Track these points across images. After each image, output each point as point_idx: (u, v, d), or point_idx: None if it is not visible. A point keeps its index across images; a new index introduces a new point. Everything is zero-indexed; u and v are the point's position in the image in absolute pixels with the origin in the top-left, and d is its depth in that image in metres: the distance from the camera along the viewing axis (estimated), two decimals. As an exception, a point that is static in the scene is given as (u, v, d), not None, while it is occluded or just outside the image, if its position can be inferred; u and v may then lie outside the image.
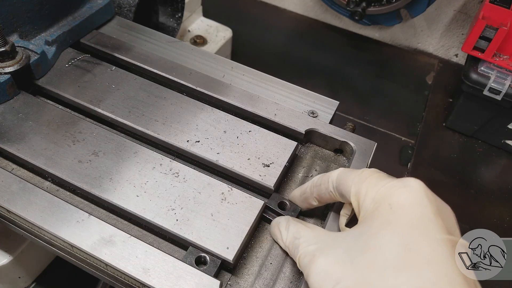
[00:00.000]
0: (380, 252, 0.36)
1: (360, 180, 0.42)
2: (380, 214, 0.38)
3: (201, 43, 1.22)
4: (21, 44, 0.63)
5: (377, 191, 0.40)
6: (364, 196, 0.41)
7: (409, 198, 0.38)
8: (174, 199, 0.52)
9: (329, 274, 0.38)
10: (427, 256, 0.35)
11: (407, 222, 0.37)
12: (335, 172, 0.46)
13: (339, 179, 0.45)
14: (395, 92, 1.57)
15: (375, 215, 0.39)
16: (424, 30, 1.65)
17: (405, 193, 0.39)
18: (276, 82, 0.69)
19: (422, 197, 0.38)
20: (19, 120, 0.59)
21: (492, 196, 1.27)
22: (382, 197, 0.39)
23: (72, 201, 0.54)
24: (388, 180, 0.41)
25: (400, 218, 0.37)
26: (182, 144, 0.58)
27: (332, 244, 0.40)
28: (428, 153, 1.37)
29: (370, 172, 0.43)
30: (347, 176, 0.44)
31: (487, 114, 1.31)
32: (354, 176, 0.44)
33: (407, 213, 0.37)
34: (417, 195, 0.38)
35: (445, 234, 0.36)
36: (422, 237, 0.36)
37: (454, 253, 0.35)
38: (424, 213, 0.37)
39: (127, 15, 0.80)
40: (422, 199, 0.38)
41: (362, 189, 0.42)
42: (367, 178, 0.42)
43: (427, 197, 0.38)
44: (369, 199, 0.41)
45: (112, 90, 0.64)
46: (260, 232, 0.53)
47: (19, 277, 0.80)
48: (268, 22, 1.79)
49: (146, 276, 0.45)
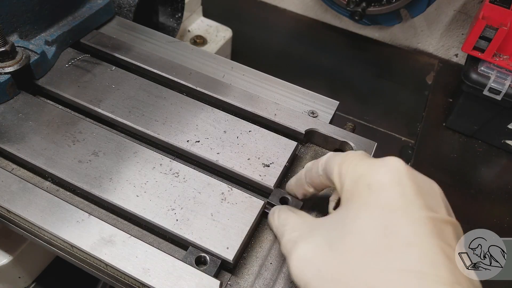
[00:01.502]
0: (359, 236, 0.35)
1: (343, 161, 0.41)
2: (358, 195, 0.37)
3: (201, 43, 1.22)
4: (21, 44, 0.63)
5: (356, 170, 0.39)
6: (345, 176, 0.40)
7: (388, 177, 0.37)
8: (174, 199, 0.52)
9: (309, 261, 0.37)
10: (407, 237, 0.33)
11: (385, 203, 0.35)
12: (324, 156, 0.46)
13: (326, 161, 0.44)
14: (395, 92, 1.57)
15: (354, 196, 0.38)
16: (424, 30, 1.65)
17: (383, 172, 0.37)
18: (276, 82, 0.69)
19: (401, 175, 0.37)
20: (19, 120, 0.59)
21: (492, 196, 1.27)
22: (360, 177, 0.38)
23: (72, 201, 0.54)
24: (369, 159, 0.40)
25: (378, 198, 0.36)
26: (182, 144, 0.58)
27: (313, 229, 0.40)
28: (428, 153, 1.37)
29: (354, 153, 0.42)
30: (333, 158, 0.43)
31: (487, 114, 1.31)
32: (339, 157, 0.43)
33: (385, 193, 0.36)
34: (397, 173, 0.37)
35: (426, 212, 0.34)
36: (401, 218, 0.34)
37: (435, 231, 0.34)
38: (404, 192, 0.36)
39: (127, 15, 0.80)
40: (401, 178, 0.36)
41: (343, 169, 0.41)
42: (349, 158, 0.41)
43: (407, 175, 0.37)
44: (349, 179, 0.39)
45: (112, 90, 0.64)
46: (260, 232, 0.53)
47: (19, 277, 0.80)
48: (268, 22, 1.79)
49: (146, 276, 0.45)
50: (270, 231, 0.53)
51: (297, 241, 0.39)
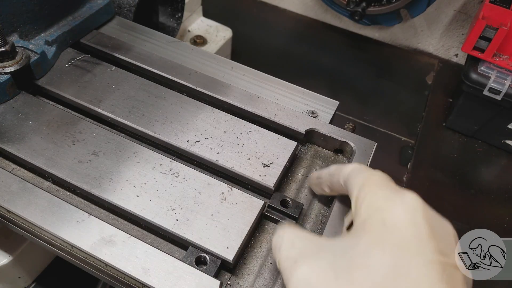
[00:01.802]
0: (368, 272, 0.34)
1: (364, 184, 0.41)
2: (372, 229, 0.37)
3: (201, 43, 1.22)
4: (21, 44, 0.63)
5: (374, 201, 0.39)
6: (361, 203, 0.40)
7: (404, 216, 0.36)
8: (174, 199, 0.52)
9: (311, 286, 0.36)
10: (416, 280, 0.33)
11: (398, 243, 0.35)
12: (349, 167, 0.45)
13: (349, 176, 0.44)
14: (395, 92, 1.57)
15: (366, 228, 0.37)
16: (424, 30, 1.65)
17: (400, 209, 0.37)
18: (276, 82, 0.69)
19: (417, 215, 0.36)
20: (19, 120, 0.59)
21: (492, 196, 1.27)
22: (377, 210, 0.38)
23: (72, 201, 0.54)
24: (388, 190, 0.39)
25: (391, 237, 0.35)
26: (182, 144, 0.58)
27: (317, 252, 0.38)
28: (428, 153, 1.37)
29: (377, 177, 0.41)
30: (355, 176, 0.43)
31: (487, 114, 1.31)
32: (361, 178, 0.42)
33: (399, 233, 0.35)
34: (413, 213, 0.36)
35: (437, 255, 0.34)
36: (412, 260, 0.34)
37: (445, 276, 0.33)
38: (417, 233, 0.35)
39: (127, 15, 0.80)
40: (417, 218, 0.36)
41: (361, 194, 0.40)
42: (371, 183, 0.41)
43: (423, 215, 0.36)
44: (364, 207, 0.39)
45: (112, 90, 0.64)
46: (260, 232, 0.53)
47: (19, 277, 0.80)
48: (268, 22, 1.79)
49: (146, 276, 0.45)
50: (270, 231, 0.53)
51: (298, 260, 0.38)
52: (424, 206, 0.37)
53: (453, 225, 0.40)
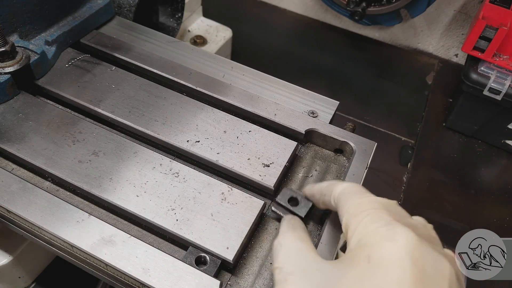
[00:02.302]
0: None
1: (354, 213, 0.39)
2: (357, 264, 0.35)
3: (201, 43, 1.22)
4: (21, 44, 0.63)
5: (364, 234, 0.37)
6: (352, 234, 0.38)
7: (391, 257, 0.33)
8: (174, 199, 0.52)
9: None
10: None
11: (377, 285, 0.33)
12: (339, 188, 0.44)
13: (339, 199, 0.43)
14: (395, 92, 1.57)
15: (354, 262, 0.35)
16: (424, 30, 1.65)
17: (388, 248, 0.34)
18: (276, 82, 0.69)
19: (405, 257, 0.33)
20: (19, 120, 0.59)
21: (492, 196, 1.27)
22: (366, 244, 0.36)
23: (72, 201, 0.54)
24: (380, 223, 0.37)
25: (374, 278, 0.33)
26: (182, 144, 0.58)
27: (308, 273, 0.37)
28: (428, 153, 1.37)
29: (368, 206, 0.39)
30: (346, 200, 0.41)
31: (487, 114, 1.31)
32: (352, 204, 0.40)
33: (383, 274, 0.33)
34: (401, 253, 0.33)
35: None
36: None
37: None
38: (402, 277, 0.32)
39: (127, 15, 0.80)
40: (404, 260, 0.33)
41: (352, 224, 0.38)
42: (362, 213, 0.38)
43: (412, 257, 0.33)
44: (355, 239, 0.37)
45: (112, 90, 0.64)
46: (260, 232, 0.53)
47: (19, 277, 0.80)
48: (268, 22, 1.79)
49: (146, 276, 0.45)
50: (270, 231, 0.53)
51: (287, 278, 0.37)
52: (418, 245, 0.34)
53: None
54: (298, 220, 0.47)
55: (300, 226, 0.45)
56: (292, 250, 0.40)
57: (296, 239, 0.42)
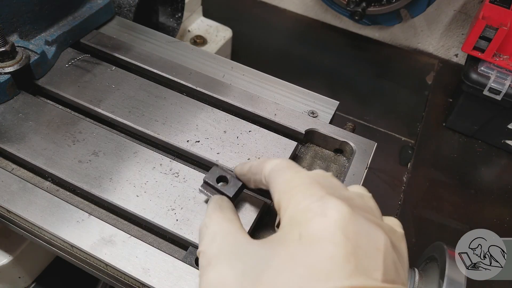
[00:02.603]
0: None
1: (285, 190, 0.37)
2: (289, 244, 0.33)
3: (201, 43, 1.22)
4: (21, 44, 0.63)
5: (295, 212, 0.35)
6: (284, 212, 0.36)
7: (322, 232, 0.32)
8: (174, 199, 0.52)
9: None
10: None
11: (310, 264, 0.31)
12: (269, 165, 0.41)
13: (269, 176, 0.40)
14: (395, 92, 1.57)
15: (286, 241, 0.33)
16: (424, 30, 1.65)
17: (319, 223, 0.32)
18: (276, 82, 0.69)
19: (336, 232, 0.31)
20: (19, 120, 0.59)
21: (492, 196, 1.27)
22: (297, 222, 0.34)
23: (72, 201, 0.54)
24: (311, 199, 0.35)
25: (304, 257, 0.31)
26: (182, 144, 0.58)
27: (233, 255, 0.35)
28: (428, 153, 1.37)
29: (299, 181, 0.37)
30: (276, 177, 0.39)
31: (487, 114, 1.32)
32: (282, 181, 0.38)
33: (314, 251, 0.31)
34: (333, 228, 0.32)
35: (352, 280, 0.30)
36: (319, 285, 0.30)
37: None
38: (333, 253, 0.31)
39: (127, 15, 0.80)
40: (336, 235, 0.31)
41: (283, 201, 0.36)
42: (292, 190, 0.37)
43: (344, 231, 0.31)
44: (287, 217, 0.35)
45: (112, 90, 0.64)
46: (260, 232, 0.53)
47: (19, 277, 0.80)
48: (268, 22, 1.79)
49: (146, 276, 0.45)
50: (270, 231, 0.53)
51: (211, 261, 0.35)
52: (350, 218, 0.32)
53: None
54: (226, 200, 0.44)
55: (228, 206, 0.42)
56: (218, 232, 0.38)
57: (222, 220, 0.39)
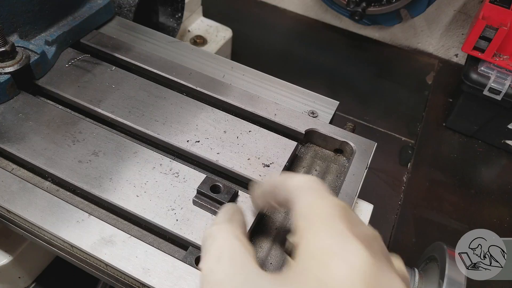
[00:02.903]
0: None
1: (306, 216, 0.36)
2: (304, 284, 0.32)
3: (201, 43, 1.22)
4: (21, 44, 0.63)
5: (315, 248, 0.33)
6: (300, 240, 0.34)
7: (343, 279, 0.31)
8: (174, 199, 0.52)
9: None
10: None
11: None
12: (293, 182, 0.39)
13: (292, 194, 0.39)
14: (395, 92, 1.57)
15: (299, 280, 0.32)
16: (424, 30, 1.65)
17: (341, 269, 0.31)
18: (276, 82, 0.69)
19: (356, 278, 0.30)
20: (19, 120, 0.59)
21: (492, 196, 1.27)
22: (317, 261, 0.32)
23: (72, 201, 0.54)
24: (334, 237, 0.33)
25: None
26: (182, 144, 0.58)
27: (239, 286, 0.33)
28: (428, 153, 1.37)
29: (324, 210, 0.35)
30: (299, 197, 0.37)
31: (487, 114, 1.32)
32: (305, 205, 0.37)
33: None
34: (352, 274, 0.31)
35: None
36: None
37: None
38: None
39: (127, 15, 0.80)
40: (355, 282, 0.30)
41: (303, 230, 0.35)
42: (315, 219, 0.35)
43: (365, 281, 0.30)
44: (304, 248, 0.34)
45: (112, 90, 0.64)
46: (260, 232, 0.53)
47: (19, 277, 0.80)
48: (268, 22, 1.79)
49: (146, 276, 0.45)
50: (270, 231, 0.53)
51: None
52: (371, 266, 0.31)
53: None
54: (238, 211, 0.41)
55: (239, 219, 0.40)
56: (225, 250, 0.35)
57: (232, 236, 0.36)
